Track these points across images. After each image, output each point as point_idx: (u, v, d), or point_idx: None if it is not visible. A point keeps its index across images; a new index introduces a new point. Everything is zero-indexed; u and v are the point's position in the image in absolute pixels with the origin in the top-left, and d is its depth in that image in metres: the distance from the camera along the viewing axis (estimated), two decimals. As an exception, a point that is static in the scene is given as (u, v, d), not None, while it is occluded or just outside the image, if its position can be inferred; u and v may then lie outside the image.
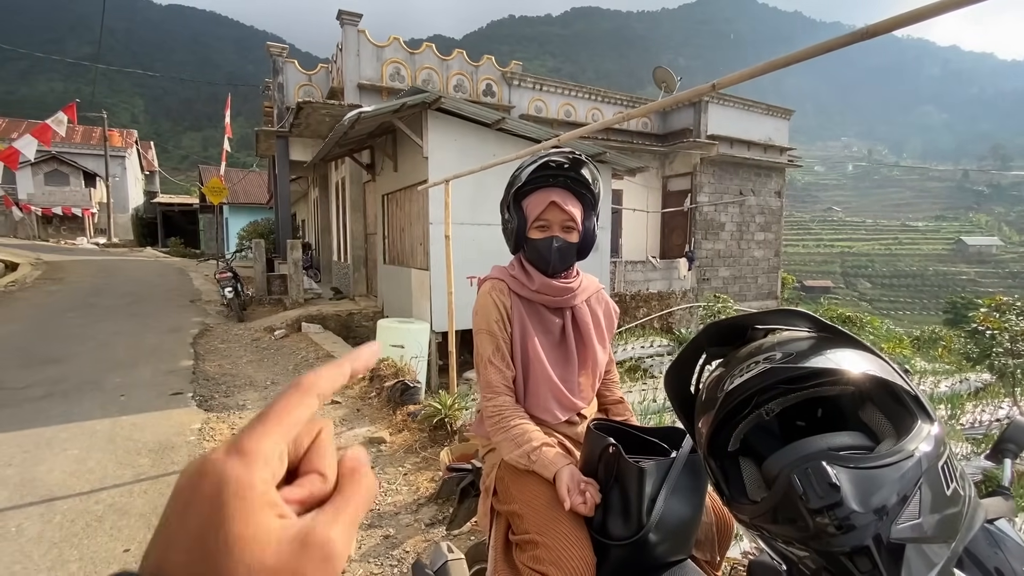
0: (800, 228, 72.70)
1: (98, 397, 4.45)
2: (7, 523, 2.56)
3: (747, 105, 13.69)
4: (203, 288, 11.47)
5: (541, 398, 1.29)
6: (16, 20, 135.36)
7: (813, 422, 0.73)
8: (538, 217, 1.29)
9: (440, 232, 5.33)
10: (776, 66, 1.76)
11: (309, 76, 10.89)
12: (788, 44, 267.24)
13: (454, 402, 3.72)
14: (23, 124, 26.14)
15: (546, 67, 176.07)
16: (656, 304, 11.89)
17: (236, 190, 21.96)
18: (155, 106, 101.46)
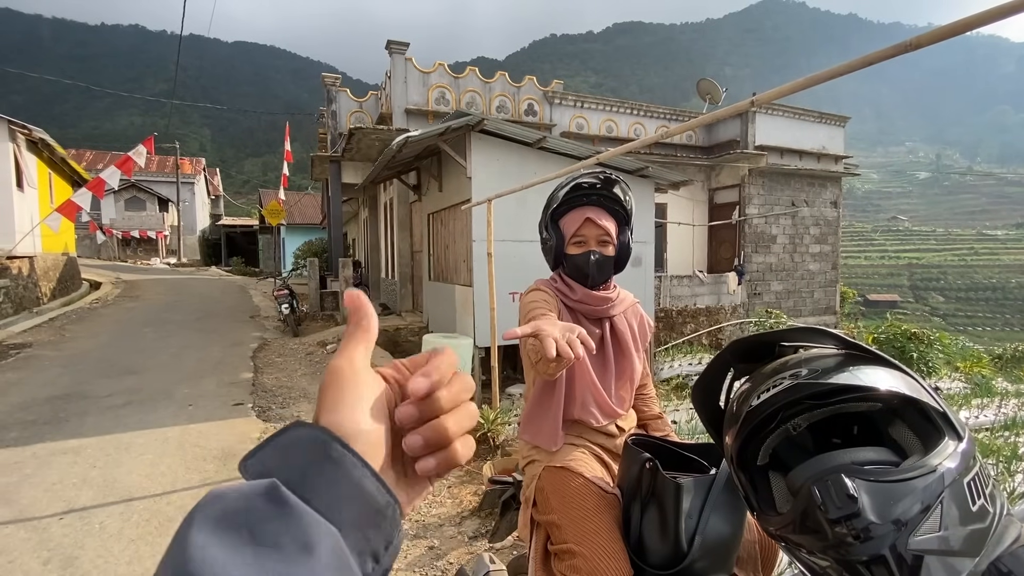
0: (862, 239, 68.79)
1: (170, 406, 4.79)
2: (92, 520, 2.81)
3: (797, 114, 13.26)
4: (262, 304, 12.13)
5: (584, 401, 1.34)
6: (101, 63, 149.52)
7: (849, 439, 0.73)
8: (575, 233, 1.37)
9: (483, 249, 5.45)
10: (816, 81, 1.75)
11: (360, 103, 11.45)
12: (842, 48, 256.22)
13: (496, 417, 3.78)
14: (108, 156, 28.72)
15: (588, 83, 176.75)
16: (704, 320, 11.57)
17: (292, 212, 23.16)
18: (220, 135, 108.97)
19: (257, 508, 0.26)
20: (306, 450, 0.29)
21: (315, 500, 0.28)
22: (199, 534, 0.24)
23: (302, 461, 0.29)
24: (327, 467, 0.29)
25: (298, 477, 0.28)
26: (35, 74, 49.48)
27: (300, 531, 0.26)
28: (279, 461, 0.29)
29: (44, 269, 11.14)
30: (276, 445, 0.30)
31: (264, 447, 0.30)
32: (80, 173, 13.98)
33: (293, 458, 0.29)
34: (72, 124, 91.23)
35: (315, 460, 0.29)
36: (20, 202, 10.20)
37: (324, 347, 7.70)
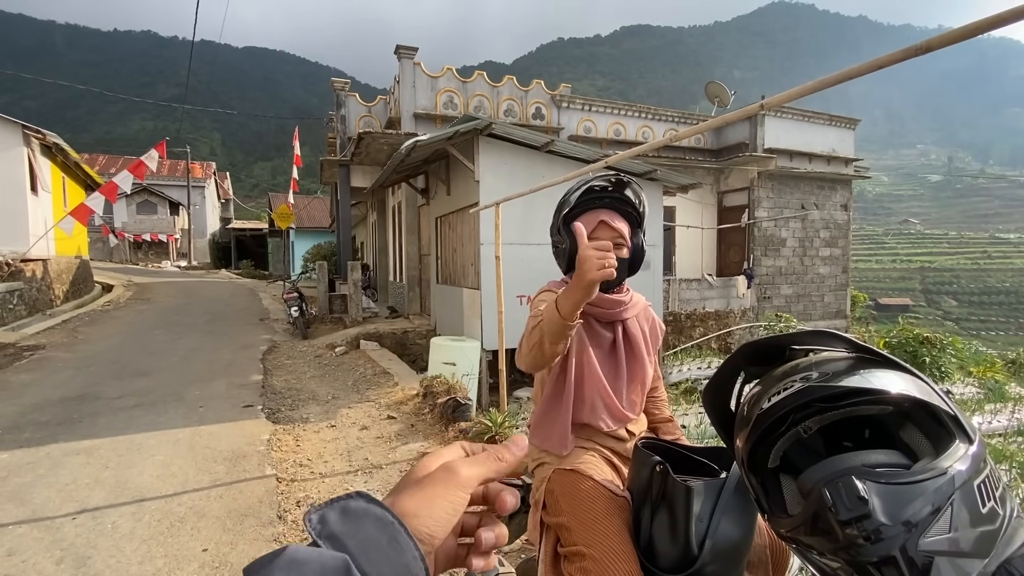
0: (873, 242, 68.11)
1: (180, 408, 4.84)
2: (105, 520, 2.85)
3: (807, 116, 13.19)
4: (271, 307, 12.22)
5: (594, 405, 1.34)
6: (114, 68, 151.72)
7: (860, 442, 0.74)
8: (589, 236, 1.35)
9: (491, 253, 5.47)
10: (826, 84, 1.74)
11: (369, 108, 11.54)
12: (852, 51, 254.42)
13: (504, 420, 3.78)
14: (120, 160, 29.15)
15: (596, 87, 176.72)
16: (713, 324, 11.51)
17: (301, 215, 23.34)
18: (231, 139, 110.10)
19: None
20: (372, 526, 0.34)
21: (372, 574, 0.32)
22: None
23: (368, 537, 0.33)
24: (391, 552, 0.33)
25: (362, 550, 0.32)
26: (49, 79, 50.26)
27: None
28: (346, 528, 0.33)
29: (57, 272, 11.31)
30: (345, 510, 0.34)
31: (331, 507, 0.34)
32: (93, 177, 14.20)
33: (359, 530, 0.33)
34: (85, 129, 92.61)
35: (380, 541, 0.33)
36: (34, 206, 10.36)
37: (333, 350, 7.75)
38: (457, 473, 0.39)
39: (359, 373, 6.48)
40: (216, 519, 2.87)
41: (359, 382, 6.08)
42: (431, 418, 4.63)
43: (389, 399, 5.30)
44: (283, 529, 2.81)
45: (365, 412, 4.93)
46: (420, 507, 0.37)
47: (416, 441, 4.15)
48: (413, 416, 4.77)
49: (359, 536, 0.33)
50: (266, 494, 3.18)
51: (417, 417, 4.73)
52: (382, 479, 3.48)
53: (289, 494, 3.22)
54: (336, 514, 0.34)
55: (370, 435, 4.32)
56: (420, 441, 4.15)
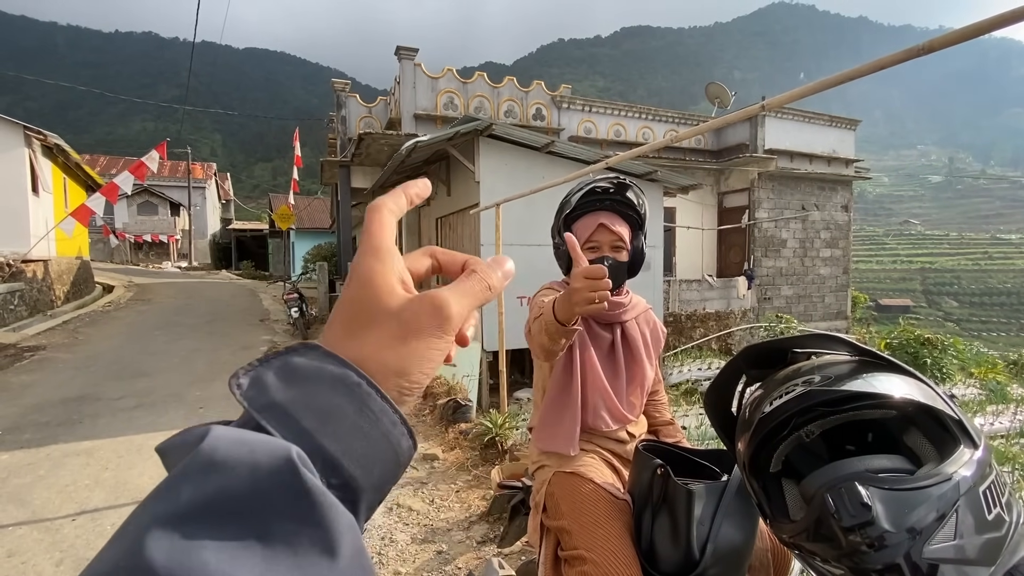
0: (873, 243, 68.04)
1: (181, 409, 4.83)
2: (104, 521, 2.84)
3: (807, 117, 13.19)
4: (271, 308, 12.22)
5: (594, 406, 1.34)
6: (115, 69, 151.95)
7: (863, 447, 0.73)
8: (588, 239, 1.36)
9: (491, 253, 5.45)
10: (827, 85, 1.74)
11: (369, 109, 11.55)
12: (852, 52, 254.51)
13: (505, 421, 3.77)
14: (121, 161, 29.18)
15: (596, 88, 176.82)
16: (713, 324, 11.50)
17: (302, 216, 23.34)
18: (231, 140, 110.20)
19: (270, 497, 0.20)
20: (331, 390, 0.24)
21: (346, 461, 0.23)
22: (189, 525, 0.19)
23: (327, 406, 0.24)
24: (363, 422, 0.25)
25: (320, 426, 0.23)
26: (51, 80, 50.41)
27: (321, 530, 0.21)
28: (293, 394, 0.24)
29: (58, 272, 11.31)
30: (288, 370, 0.25)
31: (269, 364, 0.25)
32: (94, 178, 14.20)
33: (314, 398, 0.24)
34: (86, 130, 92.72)
35: (345, 410, 0.24)
36: (35, 206, 10.37)
37: (333, 350, 7.75)
38: (449, 315, 0.30)
39: (359, 374, 6.47)
40: (216, 521, 2.87)
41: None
42: (431, 419, 4.62)
43: (389, 400, 5.29)
44: (283, 531, 2.80)
45: (365, 413, 4.92)
46: (397, 361, 0.28)
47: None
48: (413, 417, 4.76)
49: (314, 405, 0.24)
50: (266, 495, 3.17)
51: (417, 418, 4.73)
52: (382, 480, 3.47)
53: (289, 495, 3.21)
54: (275, 375, 0.24)
55: (370, 436, 4.31)
56: (420, 442, 4.14)
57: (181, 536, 0.18)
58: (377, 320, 0.28)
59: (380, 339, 0.28)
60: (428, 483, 3.41)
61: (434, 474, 3.56)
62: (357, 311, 0.29)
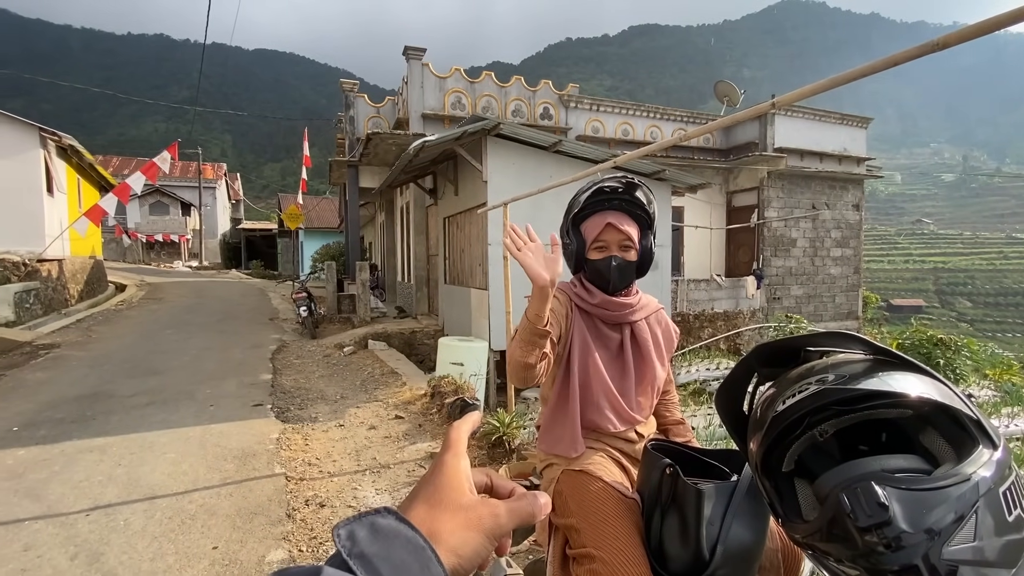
0: (885, 243, 67.22)
1: (191, 407, 4.88)
2: (117, 517, 2.88)
3: (818, 115, 13.07)
4: (280, 307, 12.31)
5: (600, 407, 1.33)
6: (127, 71, 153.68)
7: (877, 447, 0.72)
8: (596, 238, 1.35)
9: (498, 253, 5.47)
10: (839, 82, 1.72)
11: (377, 109, 11.59)
12: (864, 49, 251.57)
13: (512, 420, 3.77)
14: (133, 162, 29.51)
15: (604, 87, 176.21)
16: (722, 324, 11.43)
17: (310, 216, 23.50)
18: (241, 141, 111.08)
19: None
20: (404, 550, 0.32)
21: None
22: None
23: (400, 561, 0.31)
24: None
25: (391, 572, 0.31)
26: (65, 83, 51.16)
27: None
28: (377, 548, 0.31)
29: (72, 272, 11.46)
30: (374, 528, 0.32)
31: (360, 522, 0.33)
32: (107, 178, 14.38)
33: (391, 552, 0.32)
34: (99, 131, 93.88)
35: (412, 567, 0.32)
36: (50, 207, 10.52)
37: (341, 349, 7.78)
38: (500, 522, 0.38)
39: (367, 373, 6.50)
40: (226, 517, 2.90)
41: (367, 382, 6.11)
42: (438, 418, 4.63)
43: (397, 399, 5.31)
44: (292, 528, 2.82)
45: (373, 412, 4.95)
46: (458, 544, 0.36)
47: (424, 441, 4.16)
48: (421, 416, 4.78)
49: (391, 560, 0.31)
50: (275, 492, 3.20)
51: (425, 417, 4.74)
52: (390, 479, 3.48)
53: (298, 493, 3.24)
54: (366, 531, 0.32)
55: (378, 435, 4.33)
56: (428, 441, 4.16)
57: None
58: (451, 508, 0.37)
59: (449, 523, 0.36)
60: (436, 482, 3.42)
61: (442, 473, 3.57)
62: (440, 496, 0.38)
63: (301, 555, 2.59)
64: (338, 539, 0.32)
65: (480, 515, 0.38)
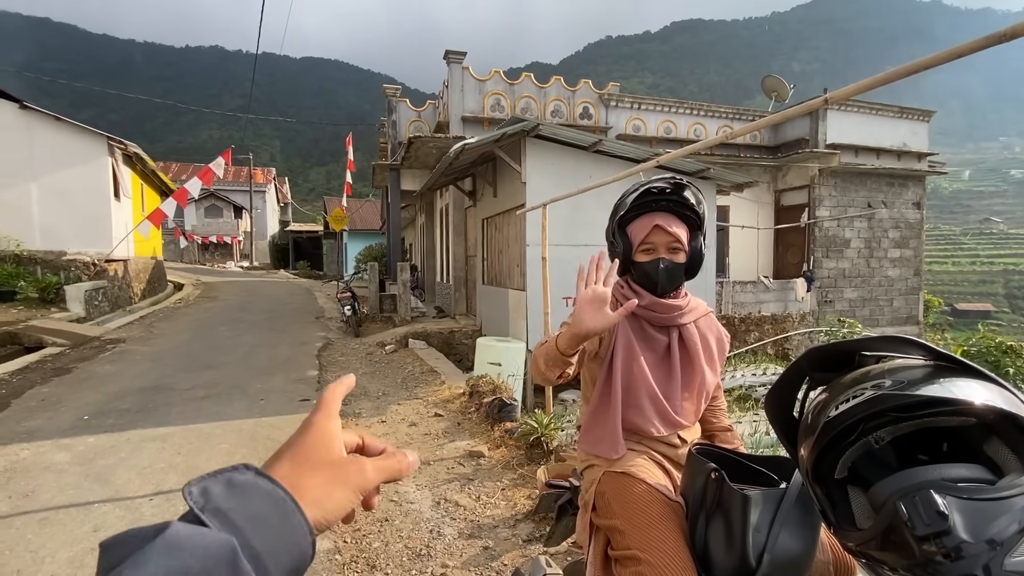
0: (949, 243, 63.16)
1: (244, 400, 5.13)
2: (178, 503, 3.05)
3: (875, 109, 12.42)
4: (326, 306, 12.73)
5: (643, 409, 1.31)
6: (185, 81, 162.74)
7: (938, 456, 0.69)
8: (643, 240, 1.33)
9: (537, 254, 5.47)
10: (897, 76, 1.65)
11: (418, 113, 11.82)
12: (925, 38, 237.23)
13: (550, 422, 3.77)
14: (190, 168, 31.20)
15: (645, 84, 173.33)
16: (769, 328, 11.03)
17: (354, 218, 24.19)
18: (289, 146, 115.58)
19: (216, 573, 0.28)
20: (263, 502, 0.32)
21: (265, 557, 0.31)
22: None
23: (258, 513, 0.32)
24: (284, 530, 0.32)
25: (251, 526, 0.31)
26: (130, 94, 54.80)
27: None
28: (233, 503, 0.31)
29: (136, 271, 12.24)
30: (230, 484, 0.32)
31: (215, 479, 0.32)
32: (167, 183, 15.27)
33: (248, 506, 0.32)
34: (160, 138, 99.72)
35: (271, 518, 0.32)
36: (117, 210, 11.26)
37: (383, 347, 7.98)
38: (367, 477, 0.40)
39: (408, 371, 6.64)
40: (276, 507, 3.02)
41: (408, 380, 6.24)
42: (477, 417, 4.68)
43: (436, 397, 5.40)
44: (337, 519, 2.92)
45: (413, 409, 5.05)
46: (322, 497, 0.36)
47: (463, 439, 4.22)
48: (459, 414, 4.84)
49: (247, 512, 0.31)
50: (321, 485, 3.32)
51: (463, 415, 4.80)
52: (430, 475, 3.55)
53: (342, 486, 3.34)
54: (221, 487, 0.32)
55: (418, 431, 4.42)
56: (467, 439, 4.21)
57: None
58: (317, 465, 0.38)
59: (313, 479, 0.37)
60: (474, 480, 3.46)
61: (480, 471, 3.61)
62: (308, 454, 0.39)
63: (345, 546, 2.68)
64: (189, 496, 0.31)
65: (347, 471, 0.39)
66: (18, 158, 9.84)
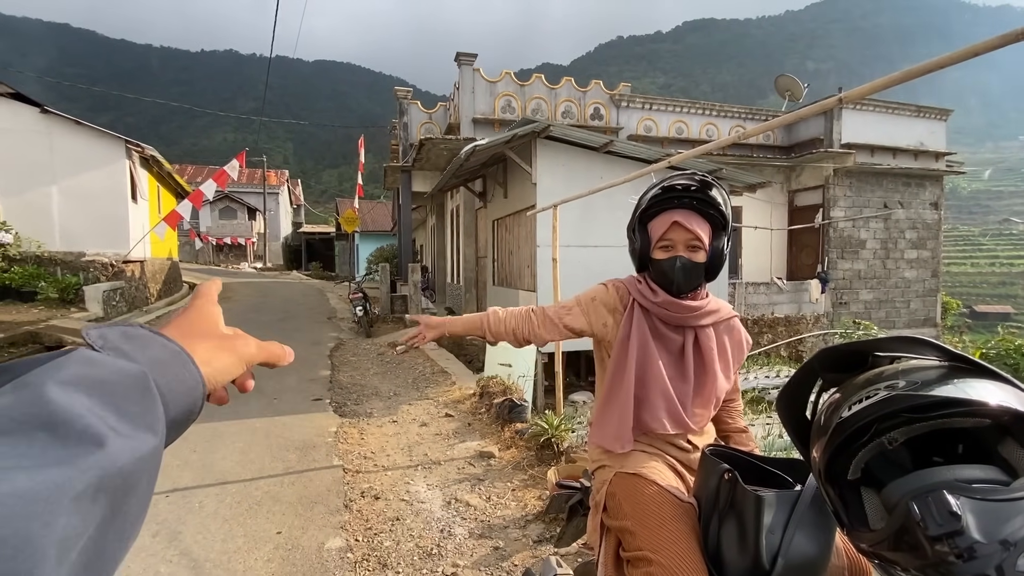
0: (968, 244, 61.97)
1: (257, 399, 5.19)
2: (192, 499, 3.11)
3: (891, 108, 12.24)
4: (338, 307, 12.84)
5: (653, 407, 1.30)
6: (201, 85, 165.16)
7: (952, 458, 0.69)
8: (661, 237, 1.30)
9: (547, 255, 5.47)
10: (914, 74, 1.63)
11: (430, 115, 11.88)
12: (943, 36, 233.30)
13: (561, 423, 3.77)
14: (205, 170, 31.65)
15: (656, 85, 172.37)
16: (783, 330, 10.91)
17: (366, 219, 24.37)
18: (301, 148, 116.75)
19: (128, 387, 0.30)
20: (161, 351, 0.35)
21: (166, 394, 0.33)
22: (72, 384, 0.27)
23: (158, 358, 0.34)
24: (182, 376, 0.35)
25: (152, 367, 0.33)
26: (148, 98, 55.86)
27: (154, 417, 0.31)
28: (132, 347, 0.33)
29: (152, 272, 12.44)
30: (126, 335, 0.34)
31: (111, 328, 0.34)
32: (183, 186, 15.50)
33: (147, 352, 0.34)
34: (176, 141, 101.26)
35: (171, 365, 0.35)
36: (134, 212, 11.45)
37: (394, 348, 8.03)
38: (251, 349, 0.43)
39: (419, 371, 6.67)
40: (289, 504, 3.06)
41: (419, 380, 6.27)
42: (487, 417, 4.69)
43: (447, 397, 5.43)
44: (348, 518, 2.95)
45: (424, 409, 5.08)
46: (211, 357, 0.39)
47: (473, 440, 4.23)
48: (470, 415, 4.86)
49: (147, 355, 0.33)
50: (333, 483, 3.35)
51: (474, 416, 4.82)
52: (441, 475, 3.57)
53: (354, 484, 3.38)
54: (118, 335, 0.34)
55: (429, 431, 4.45)
56: (477, 440, 4.22)
57: (65, 390, 0.27)
58: (205, 335, 0.41)
59: (203, 344, 0.40)
60: (485, 480, 3.47)
61: (491, 471, 3.62)
62: (192, 327, 0.42)
63: (357, 544, 2.70)
64: (87, 336, 0.33)
65: (233, 342, 0.42)
66: (39, 161, 10.06)
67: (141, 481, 0.29)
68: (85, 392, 0.28)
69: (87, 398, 0.28)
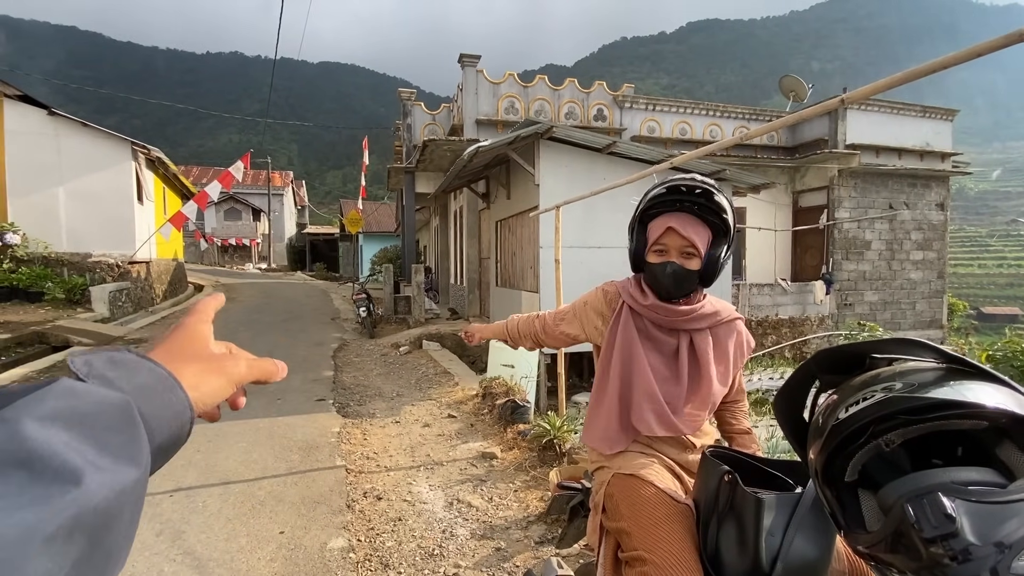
0: (975, 245, 61.56)
1: (261, 400, 5.20)
2: (196, 499, 3.12)
3: (896, 108, 12.18)
4: (341, 308, 12.87)
5: (640, 407, 1.29)
6: (206, 87, 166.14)
7: (951, 461, 0.69)
8: (656, 241, 1.29)
9: (550, 256, 5.47)
10: (918, 74, 1.63)
11: (433, 116, 11.91)
12: (949, 36, 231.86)
13: (563, 424, 3.77)
14: (210, 171, 31.83)
15: (660, 85, 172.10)
16: (787, 331, 10.87)
17: (370, 220, 24.42)
18: (306, 150, 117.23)
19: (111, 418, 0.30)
20: (147, 377, 0.34)
21: (151, 421, 0.33)
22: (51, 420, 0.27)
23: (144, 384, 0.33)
24: (169, 402, 0.34)
25: (138, 394, 0.32)
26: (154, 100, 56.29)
27: (137, 449, 0.30)
28: (118, 374, 0.33)
29: (158, 273, 12.51)
30: (112, 360, 0.34)
31: (96, 354, 0.34)
32: (188, 187, 15.59)
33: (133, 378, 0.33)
34: (182, 143, 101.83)
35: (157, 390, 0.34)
36: (140, 213, 11.52)
37: (397, 349, 8.04)
38: (240, 369, 0.42)
39: (422, 372, 6.68)
40: (291, 504, 3.07)
41: (422, 381, 6.28)
42: (490, 418, 4.70)
43: (450, 398, 5.43)
44: (351, 518, 2.96)
45: (427, 410, 5.08)
46: (200, 381, 0.39)
47: (476, 440, 4.23)
48: (472, 416, 4.86)
49: (134, 382, 0.33)
50: (336, 484, 3.36)
51: (476, 417, 4.82)
52: (443, 475, 3.57)
53: (357, 485, 3.39)
54: (104, 361, 0.33)
55: (432, 432, 4.45)
56: (479, 441, 4.22)
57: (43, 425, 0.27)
58: (192, 358, 0.41)
59: (191, 367, 0.39)
60: (487, 481, 3.47)
61: (493, 472, 3.62)
62: (181, 349, 0.41)
63: (359, 544, 2.71)
64: (72, 365, 0.32)
65: (222, 363, 0.41)
66: (47, 163, 10.14)
67: (122, 514, 0.29)
68: (64, 426, 0.27)
69: (66, 433, 0.27)
